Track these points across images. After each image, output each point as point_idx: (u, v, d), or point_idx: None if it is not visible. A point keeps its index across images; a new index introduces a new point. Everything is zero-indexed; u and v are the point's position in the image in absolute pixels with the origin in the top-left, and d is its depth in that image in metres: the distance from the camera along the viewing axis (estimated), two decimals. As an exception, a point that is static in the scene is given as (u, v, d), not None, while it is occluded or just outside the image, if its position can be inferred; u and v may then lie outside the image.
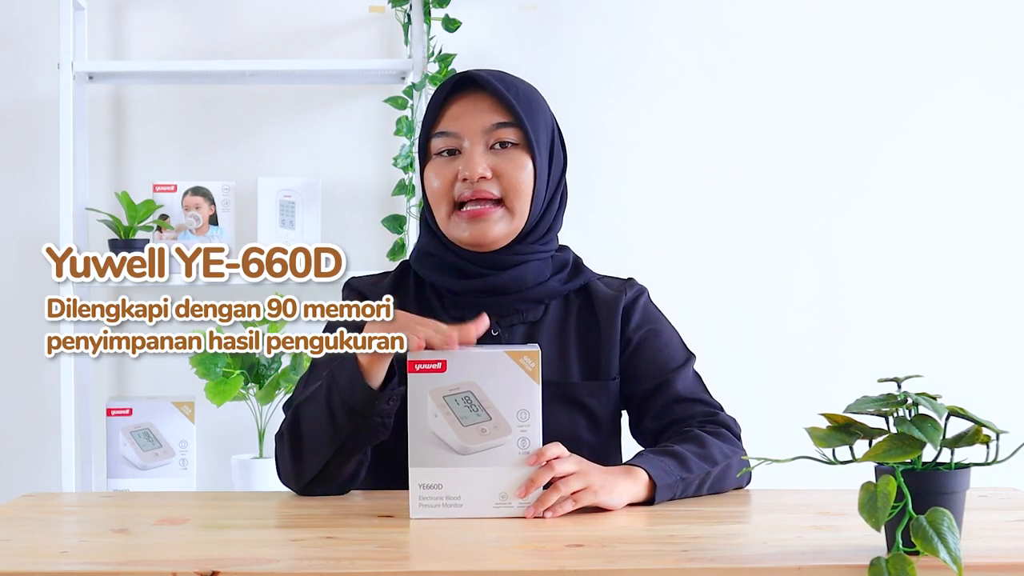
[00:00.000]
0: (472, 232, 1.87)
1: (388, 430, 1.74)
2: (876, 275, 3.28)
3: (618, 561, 1.35)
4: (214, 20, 3.25)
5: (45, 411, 3.18)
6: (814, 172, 3.27)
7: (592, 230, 3.18)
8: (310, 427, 1.76)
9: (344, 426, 1.72)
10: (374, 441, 1.75)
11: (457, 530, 1.52)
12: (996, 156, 3.29)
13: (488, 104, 1.88)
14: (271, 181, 3.12)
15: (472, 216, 1.86)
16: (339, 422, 1.72)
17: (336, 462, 1.76)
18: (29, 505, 1.76)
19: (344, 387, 1.71)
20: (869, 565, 1.28)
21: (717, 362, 3.14)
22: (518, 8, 3.27)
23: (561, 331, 1.93)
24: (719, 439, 1.82)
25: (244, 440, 3.17)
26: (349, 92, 3.26)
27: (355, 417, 1.71)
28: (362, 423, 1.72)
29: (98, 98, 3.23)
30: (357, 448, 1.75)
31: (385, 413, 1.72)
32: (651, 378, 1.91)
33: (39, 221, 3.20)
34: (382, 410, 1.71)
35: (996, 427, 1.34)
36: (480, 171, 1.85)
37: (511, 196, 1.87)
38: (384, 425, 1.73)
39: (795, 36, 3.28)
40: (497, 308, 1.90)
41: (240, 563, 1.34)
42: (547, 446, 1.62)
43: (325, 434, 1.74)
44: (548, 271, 1.93)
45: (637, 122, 3.27)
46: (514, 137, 1.88)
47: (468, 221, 1.86)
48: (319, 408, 1.74)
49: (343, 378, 1.71)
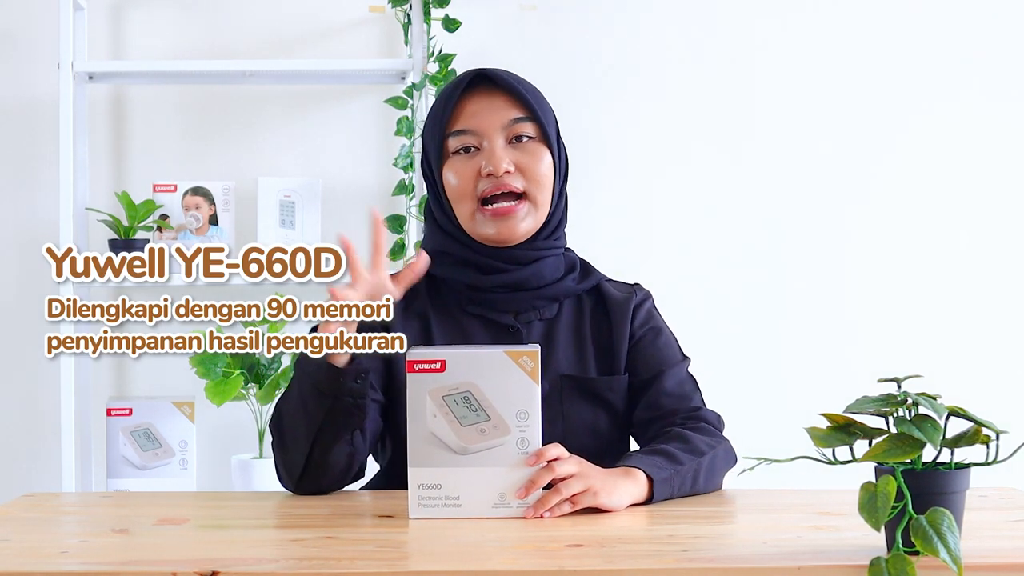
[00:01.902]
0: (500, 229, 1.90)
1: (363, 412, 1.77)
2: (876, 275, 3.28)
3: (618, 561, 1.35)
4: (214, 20, 3.25)
5: (45, 411, 3.17)
6: (815, 172, 3.27)
7: (592, 230, 3.17)
8: (289, 418, 1.80)
9: (316, 411, 1.75)
10: (351, 426, 1.77)
11: (457, 530, 1.52)
12: (995, 156, 3.29)
13: (503, 100, 1.92)
14: (271, 181, 3.12)
15: (497, 214, 1.89)
16: (311, 408, 1.75)
17: (318, 451, 1.77)
18: (29, 505, 1.76)
19: (312, 371, 1.74)
20: (869, 565, 1.28)
21: (717, 362, 3.15)
22: (518, 8, 3.27)
23: (577, 329, 1.97)
24: (700, 432, 1.86)
25: (244, 440, 3.17)
26: (349, 92, 3.26)
27: (324, 400, 1.74)
28: (332, 405, 1.74)
29: (98, 98, 3.23)
30: (336, 435, 1.77)
31: (355, 393, 1.74)
32: (646, 372, 1.96)
33: (39, 221, 3.19)
34: (351, 389, 1.74)
35: (996, 427, 1.34)
36: (504, 166, 1.88)
37: (534, 189, 1.91)
38: (357, 406, 1.76)
39: (796, 36, 3.28)
40: (515, 304, 1.94)
41: (240, 563, 1.34)
42: (546, 447, 1.62)
43: (301, 422, 1.77)
44: (562, 269, 1.98)
45: (637, 122, 3.27)
46: (532, 131, 1.92)
47: (494, 218, 1.90)
48: (293, 397, 1.78)
49: (310, 364, 1.74)
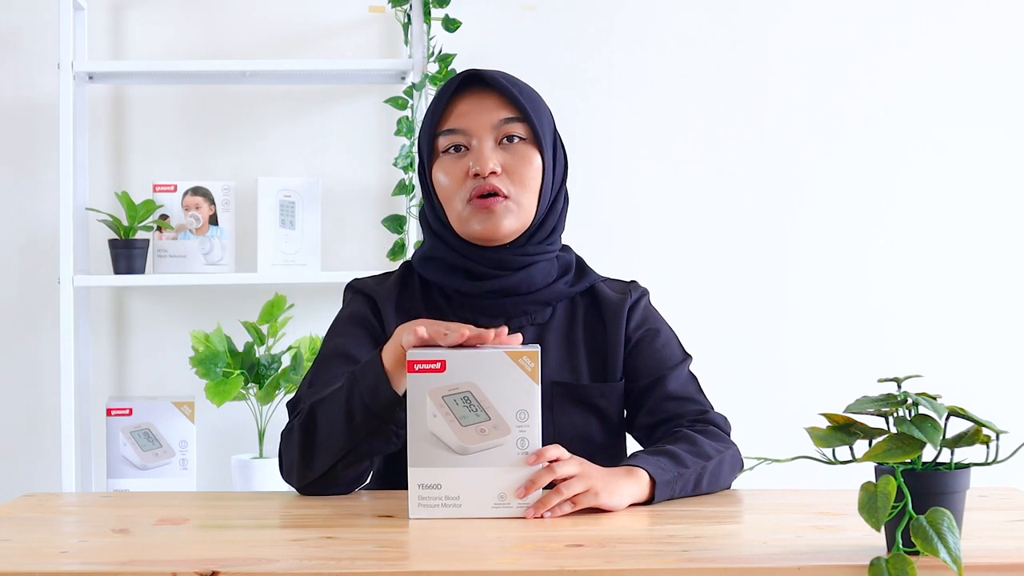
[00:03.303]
0: (485, 226, 1.88)
1: (400, 442, 1.74)
2: (876, 275, 3.28)
3: (618, 561, 1.35)
4: (214, 20, 3.25)
5: (45, 411, 3.18)
6: (816, 172, 3.27)
7: (592, 230, 3.18)
8: (326, 426, 1.76)
9: (361, 428, 1.72)
10: (385, 450, 1.76)
11: (457, 530, 1.52)
12: (994, 155, 3.29)
13: (495, 101, 1.90)
14: (271, 181, 3.12)
15: (482, 207, 1.87)
16: (357, 423, 1.73)
17: (344, 464, 1.76)
18: (29, 505, 1.76)
19: (368, 389, 1.71)
20: (869, 565, 1.28)
21: (718, 362, 3.15)
22: (518, 8, 3.27)
23: (569, 333, 1.94)
24: (708, 436, 1.84)
25: (244, 440, 3.17)
26: (349, 92, 3.26)
27: (373, 420, 1.72)
28: (378, 427, 1.72)
29: (98, 98, 3.23)
30: (368, 453, 1.76)
31: (400, 422, 1.73)
32: (647, 375, 1.93)
33: (39, 221, 3.20)
34: (399, 418, 1.72)
35: (996, 427, 1.34)
36: (491, 166, 1.86)
37: (517, 191, 1.89)
38: (397, 435, 1.74)
39: (796, 36, 3.28)
40: (505, 310, 1.92)
41: (240, 563, 1.34)
42: (547, 447, 1.62)
43: (340, 434, 1.74)
44: (555, 272, 1.95)
45: (637, 122, 3.27)
46: (522, 132, 1.90)
47: (480, 213, 1.87)
48: (338, 408, 1.75)
49: (367, 379, 1.72)
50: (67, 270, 2.96)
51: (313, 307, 3.15)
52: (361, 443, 1.74)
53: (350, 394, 1.73)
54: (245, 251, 3.16)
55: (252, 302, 3.15)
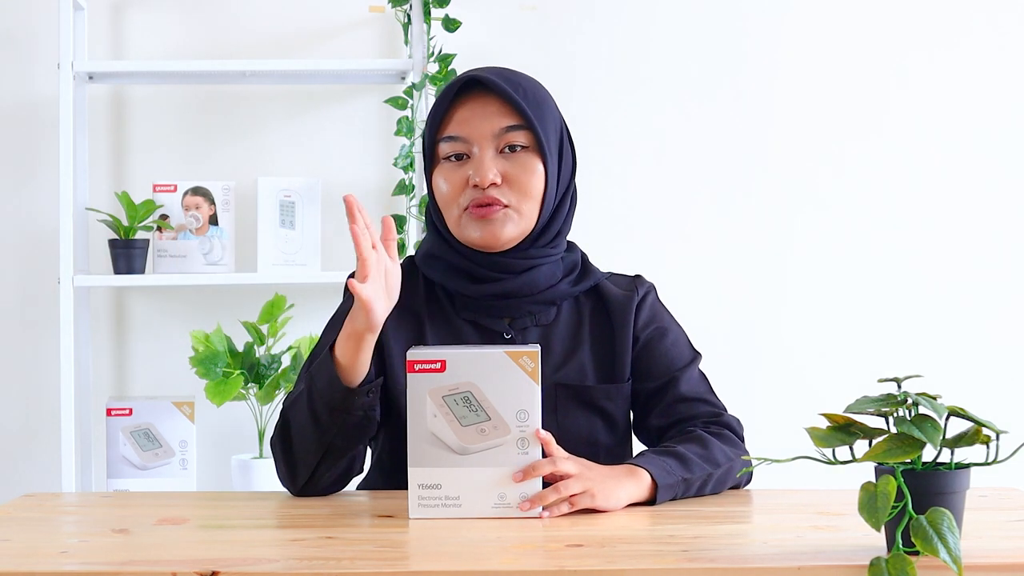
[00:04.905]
0: (484, 234, 1.84)
1: (374, 422, 1.75)
2: (877, 275, 3.28)
3: (618, 561, 1.35)
4: (214, 20, 3.25)
5: (45, 411, 3.17)
6: (817, 172, 3.27)
7: (593, 230, 3.17)
8: (298, 430, 1.76)
9: (329, 425, 1.72)
10: (363, 435, 1.75)
11: (457, 530, 1.52)
12: (995, 155, 3.29)
13: (496, 107, 1.85)
14: (271, 181, 3.12)
15: (481, 216, 1.83)
16: (323, 422, 1.72)
17: (328, 461, 1.76)
18: (29, 505, 1.76)
19: (324, 386, 1.71)
20: (869, 565, 1.28)
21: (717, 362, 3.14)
22: (518, 8, 3.27)
23: (575, 334, 1.91)
24: (722, 440, 1.81)
25: (244, 440, 3.17)
26: (349, 92, 3.26)
27: (337, 415, 1.72)
28: (345, 419, 1.72)
29: (98, 98, 3.23)
30: (347, 446, 1.75)
31: (367, 406, 1.72)
32: (657, 377, 1.90)
33: (39, 221, 3.19)
34: (363, 403, 1.72)
35: (996, 427, 1.34)
36: (491, 177, 1.82)
37: (519, 201, 1.84)
38: (368, 418, 1.73)
39: (795, 36, 3.28)
40: (509, 311, 1.89)
41: (240, 563, 1.34)
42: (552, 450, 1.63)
43: (312, 436, 1.74)
44: (559, 273, 1.91)
45: (637, 122, 3.26)
46: (524, 140, 1.85)
47: (478, 221, 1.84)
48: (303, 411, 1.74)
49: (321, 380, 1.72)
50: (67, 270, 2.96)
51: (313, 307, 3.15)
52: (336, 439, 1.73)
53: (310, 396, 1.73)
54: (245, 251, 3.15)
55: (252, 302, 3.15)
